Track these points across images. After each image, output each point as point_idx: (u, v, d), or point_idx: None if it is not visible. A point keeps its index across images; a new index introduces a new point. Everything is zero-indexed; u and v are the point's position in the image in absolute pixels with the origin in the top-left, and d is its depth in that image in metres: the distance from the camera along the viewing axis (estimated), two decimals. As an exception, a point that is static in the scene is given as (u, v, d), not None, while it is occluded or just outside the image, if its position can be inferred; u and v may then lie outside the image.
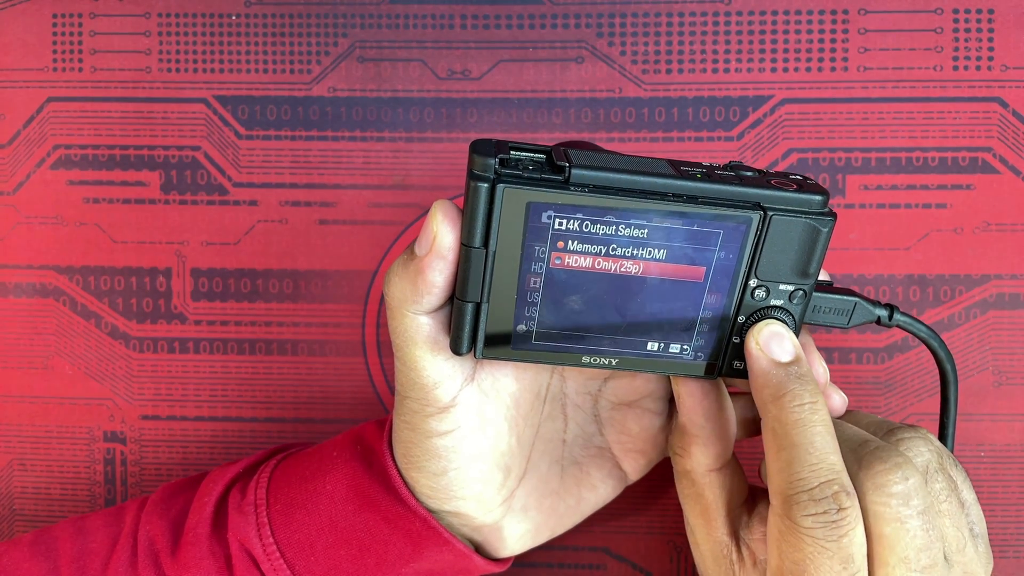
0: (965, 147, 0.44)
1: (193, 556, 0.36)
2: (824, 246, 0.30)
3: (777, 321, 0.31)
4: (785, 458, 0.29)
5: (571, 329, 0.31)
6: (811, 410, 0.30)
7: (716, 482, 0.33)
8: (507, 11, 0.44)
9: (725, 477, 0.33)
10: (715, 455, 0.33)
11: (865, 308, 0.33)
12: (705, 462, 0.33)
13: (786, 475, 0.29)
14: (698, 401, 0.33)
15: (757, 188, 0.30)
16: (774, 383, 0.30)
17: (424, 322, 0.31)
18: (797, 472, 0.29)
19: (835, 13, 0.44)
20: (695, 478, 0.33)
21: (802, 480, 0.29)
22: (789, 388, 0.30)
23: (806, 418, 0.30)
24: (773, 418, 0.30)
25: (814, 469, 0.29)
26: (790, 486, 0.29)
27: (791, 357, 0.31)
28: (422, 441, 0.33)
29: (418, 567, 0.36)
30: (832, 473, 0.29)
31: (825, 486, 0.29)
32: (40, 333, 0.46)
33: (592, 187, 0.29)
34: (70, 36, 0.45)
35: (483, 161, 0.28)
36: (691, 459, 0.33)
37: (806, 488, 0.29)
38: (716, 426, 0.33)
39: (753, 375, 0.31)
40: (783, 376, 0.30)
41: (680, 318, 0.31)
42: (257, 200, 0.45)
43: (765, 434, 0.31)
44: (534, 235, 0.29)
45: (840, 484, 0.29)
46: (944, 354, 0.35)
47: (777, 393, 0.30)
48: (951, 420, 0.36)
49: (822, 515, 0.28)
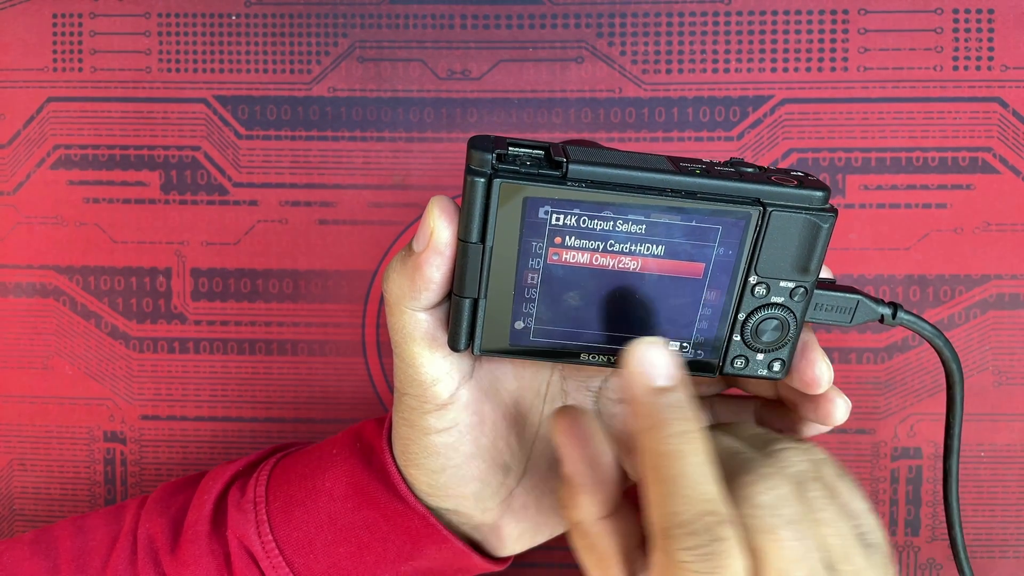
0: (965, 147, 0.44)
1: (192, 554, 0.36)
2: (825, 243, 0.30)
3: (657, 339, 0.30)
4: (660, 492, 0.28)
5: (569, 326, 0.31)
6: (685, 440, 0.28)
7: (608, 529, 0.31)
8: (507, 11, 0.44)
9: (617, 523, 0.32)
10: (603, 501, 0.32)
11: (868, 306, 0.33)
12: (594, 511, 0.32)
13: (661, 509, 0.28)
14: (579, 448, 0.32)
15: (757, 184, 0.29)
16: (647, 412, 0.29)
17: (422, 318, 0.31)
18: (672, 506, 0.28)
19: (835, 13, 0.44)
20: (586, 529, 0.32)
21: (677, 514, 0.28)
22: (663, 417, 0.29)
23: (680, 449, 0.28)
24: (647, 450, 0.29)
25: (688, 502, 0.28)
26: (666, 520, 0.28)
27: (667, 382, 0.29)
28: (420, 438, 0.33)
29: (417, 565, 0.36)
30: (708, 504, 0.28)
31: (700, 518, 0.27)
32: (40, 333, 0.46)
33: (590, 182, 0.29)
34: (70, 36, 0.45)
35: (480, 156, 0.28)
36: (579, 510, 0.32)
37: (681, 522, 0.27)
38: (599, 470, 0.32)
39: (628, 401, 0.30)
40: (658, 404, 0.29)
41: (679, 315, 0.31)
42: (257, 200, 0.45)
43: (641, 464, 0.29)
44: (531, 231, 0.29)
45: (717, 514, 0.28)
46: (949, 353, 0.35)
47: (651, 423, 0.29)
48: (957, 420, 0.36)
49: (699, 549, 0.27)
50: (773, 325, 0.31)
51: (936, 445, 0.44)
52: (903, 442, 0.44)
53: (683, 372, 0.30)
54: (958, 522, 0.39)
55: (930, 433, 0.44)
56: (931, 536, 0.45)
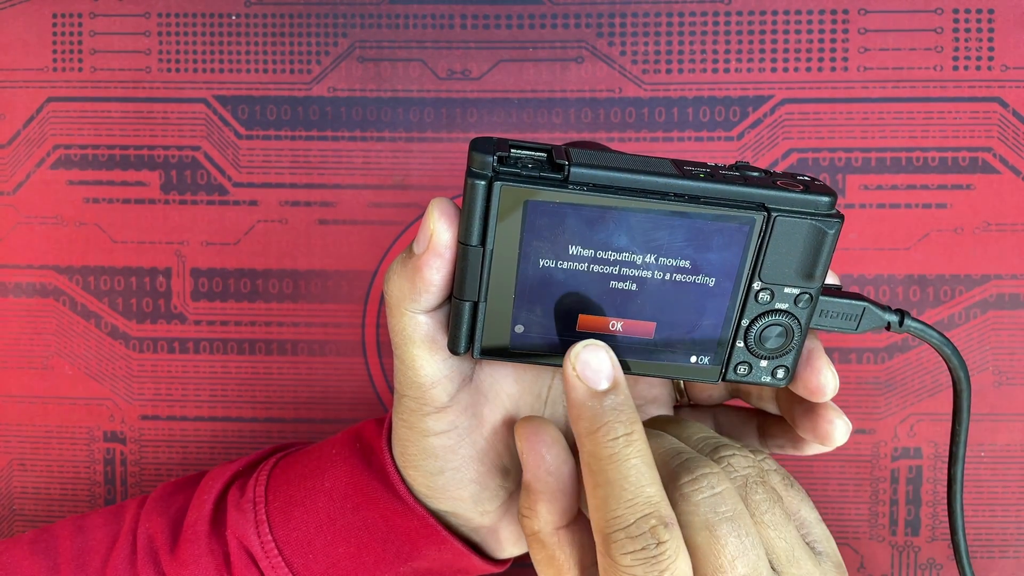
0: (965, 147, 0.44)
1: (192, 553, 0.36)
2: (831, 249, 0.30)
3: (595, 342, 0.30)
4: (601, 495, 0.28)
5: (570, 330, 0.31)
6: (625, 443, 0.29)
7: (565, 540, 0.32)
8: (507, 11, 0.44)
9: (574, 534, 0.32)
10: (561, 511, 0.32)
11: (875, 313, 0.32)
12: (552, 519, 0.31)
13: (603, 513, 0.28)
14: (541, 454, 0.32)
15: (762, 188, 0.29)
16: (588, 415, 0.29)
17: (422, 321, 0.31)
18: (613, 510, 0.28)
19: (835, 13, 0.44)
20: (543, 539, 0.32)
21: (618, 518, 0.28)
22: (604, 421, 0.29)
23: (620, 452, 0.28)
24: (588, 452, 0.29)
25: (630, 505, 0.28)
26: (607, 524, 0.28)
27: (608, 383, 0.30)
28: (418, 440, 0.33)
29: (416, 566, 0.36)
30: (649, 507, 0.28)
31: (642, 521, 0.28)
32: (40, 333, 0.46)
33: (592, 186, 0.28)
34: (70, 36, 0.45)
35: (481, 158, 0.28)
36: (538, 518, 0.32)
37: (623, 526, 0.28)
38: (560, 479, 0.32)
39: (568, 404, 0.30)
40: (598, 408, 0.29)
41: (682, 320, 0.31)
42: (257, 200, 0.45)
43: (583, 469, 0.29)
44: (532, 234, 0.29)
45: (658, 516, 0.28)
46: (957, 361, 0.34)
47: (592, 427, 0.29)
48: (963, 428, 0.35)
49: (640, 552, 0.27)
50: (777, 332, 0.31)
51: (936, 445, 0.44)
52: (903, 442, 0.44)
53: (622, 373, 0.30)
54: (962, 528, 0.39)
55: (930, 433, 0.44)
56: (931, 536, 0.45)
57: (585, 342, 0.30)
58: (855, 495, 0.45)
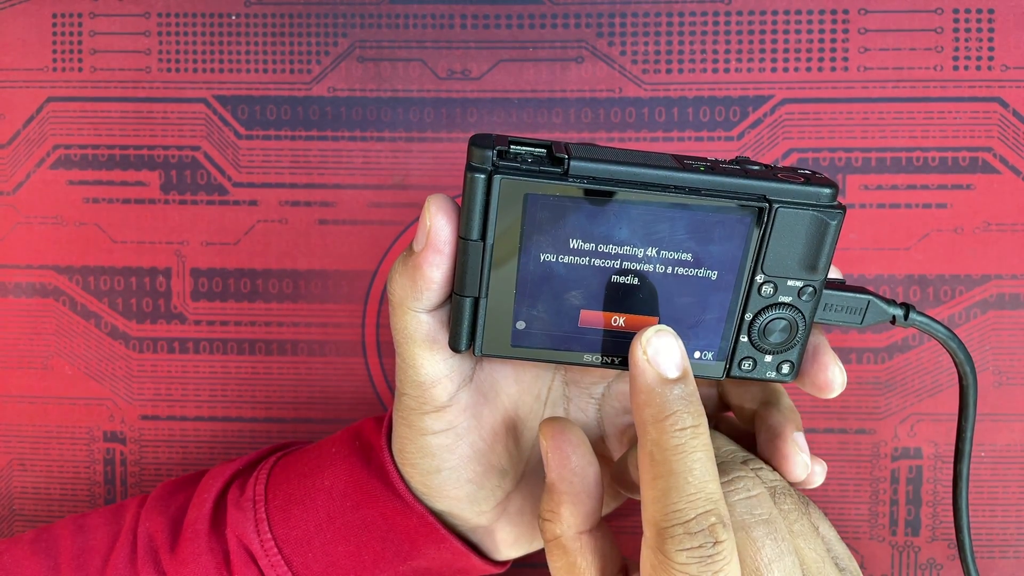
0: (965, 147, 0.44)
1: (192, 552, 0.36)
2: (833, 240, 0.29)
3: (667, 328, 0.29)
4: (662, 487, 0.27)
5: (572, 326, 0.31)
6: (692, 434, 0.28)
7: (588, 546, 0.31)
8: (507, 11, 0.44)
9: (596, 540, 0.31)
10: (585, 514, 0.31)
11: (879, 307, 0.32)
12: (575, 523, 0.31)
13: (661, 505, 0.27)
14: (567, 454, 0.31)
15: (762, 180, 0.29)
16: (657, 403, 0.28)
17: (424, 319, 0.31)
18: (674, 503, 0.27)
19: (835, 13, 0.44)
20: (565, 544, 0.31)
21: (678, 512, 0.27)
22: (673, 410, 0.28)
23: (687, 443, 0.27)
24: (652, 441, 0.28)
25: (691, 499, 0.27)
26: (665, 518, 0.27)
27: (679, 372, 0.29)
28: (416, 438, 0.33)
29: (416, 565, 0.36)
30: (710, 503, 0.27)
31: (702, 518, 0.27)
32: (40, 333, 0.46)
33: (592, 179, 0.28)
34: (70, 36, 0.45)
35: (481, 153, 0.28)
36: (561, 522, 0.31)
37: (682, 520, 0.27)
38: (586, 480, 0.31)
39: (635, 390, 0.29)
40: (667, 395, 0.28)
41: (684, 315, 0.31)
42: (257, 200, 0.45)
43: (642, 458, 0.28)
44: (533, 227, 0.29)
45: (718, 515, 0.27)
46: (963, 356, 0.34)
47: (659, 414, 0.28)
48: (969, 423, 0.35)
49: (697, 550, 0.26)
50: (781, 326, 0.31)
51: (937, 445, 0.44)
52: (903, 442, 0.44)
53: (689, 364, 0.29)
54: (967, 525, 0.38)
55: (930, 433, 0.44)
56: (931, 536, 0.45)
57: (656, 327, 0.29)
58: (855, 495, 0.45)
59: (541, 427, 0.32)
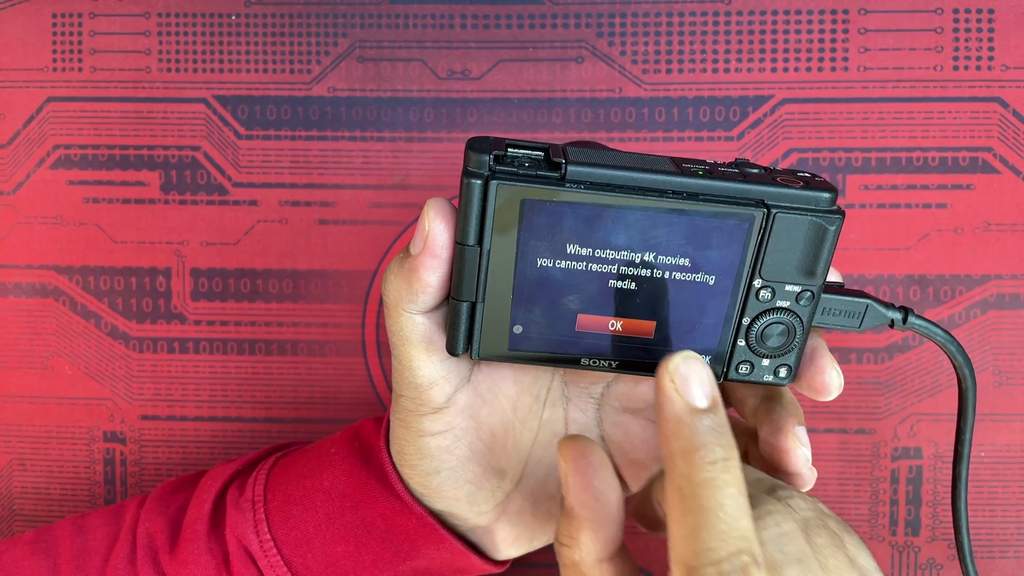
0: (965, 147, 0.44)
1: (191, 553, 0.36)
2: (832, 245, 0.29)
3: (694, 355, 0.28)
4: (691, 524, 0.26)
5: (569, 330, 0.31)
6: (724, 468, 0.26)
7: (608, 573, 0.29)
8: (507, 11, 0.44)
9: (617, 567, 0.30)
10: (606, 540, 0.29)
11: (878, 311, 0.32)
12: (595, 549, 0.29)
13: (691, 543, 0.26)
14: (588, 479, 0.29)
15: (761, 185, 0.29)
16: (686, 435, 0.27)
17: (420, 321, 0.31)
18: (704, 541, 0.25)
19: (835, 13, 0.43)
20: (584, 571, 0.29)
21: (710, 551, 0.25)
22: (703, 442, 0.26)
23: (718, 478, 0.26)
24: (681, 476, 0.26)
25: (723, 538, 0.25)
26: (695, 557, 0.25)
27: (708, 402, 0.27)
28: (415, 440, 0.33)
29: (416, 565, 0.36)
30: (743, 542, 0.25)
31: (734, 558, 0.25)
32: (40, 333, 0.46)
33: (589, 184, 0.28)
34: (70, 36, 0.45)
35: (478, 158, 0.28)
36: (580, 548, 0.29)
37: (714, 560, 0.25)
38: (607, 506, 0.29)
39: (663, 419, 0.27)
40: (696, 427, 0.27)
41: (681, 319, 0.30)
42: (257, 200, 0.45)
43: (669, 493, 0.27)
44: (529, 233, 0.29)
45: (751, 554, 0.25)
46: (962, 359, 0.34)
47: (688, 447, 0.26)
48: (968, 426, 0.35)
49: None
50: (779, 330, 0.31)
51: (937, 445, 0.44)
52: (903, 442, 0.44)
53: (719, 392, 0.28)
54: (966, 527, 0.38)
55: (930, 433, 0.44)
56: (931, 536, 0.45)
57: (684, 353, 0.27)
58: (855, 495, 0.45)
59: (560, 446, 0.31)
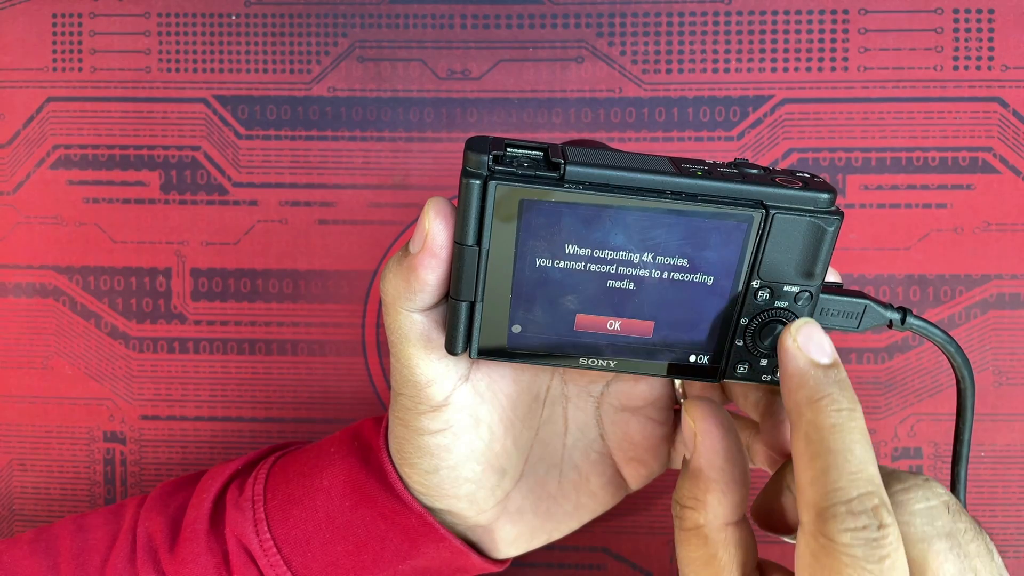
0: (965, 147, 0.44)
1: (191, 552, 0.36)
2: (830, 246, 0.29)
3: (814, 322, 0.29)
4: (820, 466, 0.26)
5: (567, 330, 0.31)
6: (850, 417, 0.27)
7: (732, 539, 0.29)
8: (507, 11, 0.44)
9: (741, 532, 0.29)
10: (735, 504, 0.29)
11: (876, 311, 0.32)
12: (723, 513, 0.29)
13: (821, 485, 0.26)
14: (719, 439, 0.30)
15: (760, 186, 0.29)
16: (811, 385, 0.28)
17: (418, 320, 0.31)
18: (834, 481, 0.26)
19: (835, 13, 0.43)
20: (708, 535, 0.29)
21: (840, 490, 0.25)
22: (827, 392, 0.27)
23: (844, 424, 0.27)
24: (808, 423, 0.27)
25: (853, 479, 0.26)
26: (826, 497, 0.26)
27: (830, 360, 0.28)
28: (414, 438, 0.33)
29: (415, 564, 0.36)
30: (872, 485, 0.26)
31: (865, 498, 0.25)
32: (40, 333, 0.46)
33: (588, 184, 0.28)
34: (70, 36, 0.45)
35: (477, 158, 0.28)
36: (706, 511, 0.29)
37: (844, 499, 0.25)
38: (737, 468, 0.30)
39: (787, 375, 0.28)
40: (822, 379, 0.28)
41: (680, 319, 0.30)
42: (257, 200, 0.45)
43: (796, 443, 0.27)
44: (528, 233, 0.29)
45: (880, 498, 0.25)
46: (961, 359, 0.33)
47: (814, 396, 0.27)
48: (967, 426, 0.35)
49: (862, 531, 0.25)
50: (777, 330, 0.31)
51: (936, 445, 0.44)
52: (903, 442, 0.44)
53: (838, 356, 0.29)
54: None
55: (930, 433, 0.44)
56: (931, 536, 0.45)
57: (804, 319, 0.29)
58: (855, 495, 0.45)
59: (687, 408, 0.31)
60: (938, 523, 0.27)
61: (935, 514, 0.27)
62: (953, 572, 0.26)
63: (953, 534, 0.27)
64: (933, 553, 0.26)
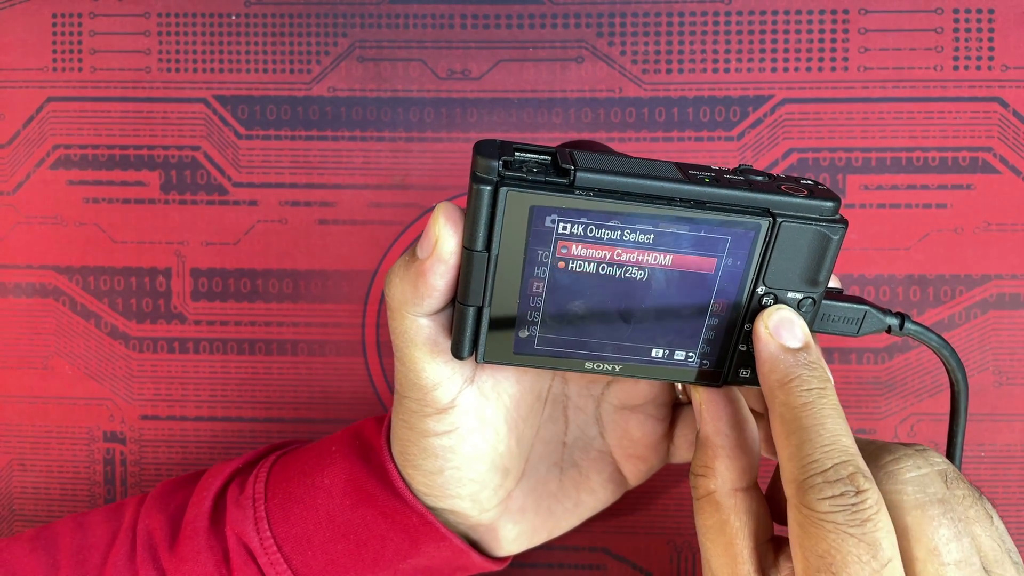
0: (965, 147, 0.44)
1: (191, 550, 0.36)
2: (834, 254, 0.30)
3: (787, 307, 0.30)
4: (795, 442, 0.28)
5: (574, 335, 0.31)
6: (820, 395, 0.28)
7: (742, 505, 0.30)
8: (507, 11, 0.44)
9: (752, 500, 0.30)
10: (742, 469, 0.31)
11: (875, 317, 0.32)
12: (731, 478, 0.30)
13: (797, 460, 0.27)
14: (722, 408, 0.31)
15: (766, 193, 0.29)
16: (782, 368, 0.29)
17: (424, 324, 0.31)
18: (809, 455, 0.27)
19: (835, 13, 0.44)
20: (719, 500, 0.30)
21: (815, 462, 0.27)
22: (797, 373, 0.29)
23: (815, 402, 0.28)
24: (781, 403, 0.29)
25: (827, 450, 0.27)
26: (802, 470, 0.27)
27: (800, 343, 0.30)
28: (419, 440, 0.33)
29: (416, 563, 0.36)
30: (846, 455, 0.27)
31: (840, 467, 0.27)
32: (40, 333, 0.46)
33: (597, 191, 0.28)
34: (70, 36, 0.45)
35: (486, 163, 0.28)
36: (715, 477, 0.31)
37: (819, 470, 0.27)
38: (742, 435, 0.31)
39: (760, 360, 0.30)
40: (791, 361, 0.29)
41: (685, 325, 0.31)
42: (257, 200, 0.45)
43: (773, 424, 0.29)
44: (537, 239, 0.29)
45: (855, 466, 0.27)
46: (955, 364, 0.34)
47: (784, 378, 0.29)
48: (960, 430, 0.35)
49: (839, 497, 0.26)
50: None
51: (936, 445, 0.44)
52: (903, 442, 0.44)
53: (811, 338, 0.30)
54: None
55: (930, 433, 0.44)
56: (931, 536, 0.45)
57: (777, 306, 0.30)
58: (855, 495, 0.45)
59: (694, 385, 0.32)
60: (930, 490, 0.28)
61: (927, 481, 0.28)
62: (948, 536, 0.27)
63: (947, 500, 0.28)
64: (927, 519, 0.27)
